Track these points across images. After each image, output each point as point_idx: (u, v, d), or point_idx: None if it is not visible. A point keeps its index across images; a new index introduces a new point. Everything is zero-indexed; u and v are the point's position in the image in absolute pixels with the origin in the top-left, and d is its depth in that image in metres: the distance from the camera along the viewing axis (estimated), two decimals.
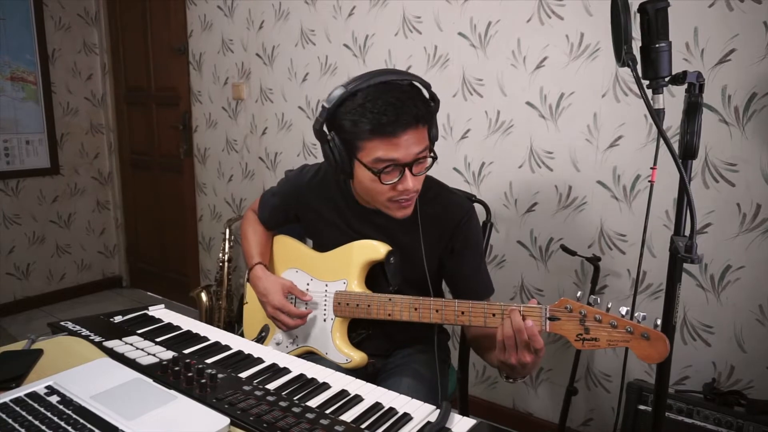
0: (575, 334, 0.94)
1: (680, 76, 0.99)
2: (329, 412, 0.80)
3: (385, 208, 1.16)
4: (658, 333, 0.89)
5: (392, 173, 1.09)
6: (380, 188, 1.11)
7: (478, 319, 1.05)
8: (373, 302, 1.17)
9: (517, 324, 0.95)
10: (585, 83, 1.79)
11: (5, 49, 3.01)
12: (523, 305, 0.98)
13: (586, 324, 0.93)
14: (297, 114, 2.58)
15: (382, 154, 1.06)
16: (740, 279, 1.61)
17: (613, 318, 0.91)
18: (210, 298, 2.76)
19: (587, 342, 0.93)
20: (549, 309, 0.96)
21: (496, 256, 2.08)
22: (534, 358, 0.96)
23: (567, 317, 0.95)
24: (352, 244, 1.24)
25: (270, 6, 2.56)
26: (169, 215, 3.39)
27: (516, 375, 1.03)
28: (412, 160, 1.08)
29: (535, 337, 0.94)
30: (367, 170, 1.09)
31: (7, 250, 3.16)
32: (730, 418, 1.47)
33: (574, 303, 0.95)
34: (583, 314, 0.93)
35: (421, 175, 1.12)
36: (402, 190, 1.10)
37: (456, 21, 2.02)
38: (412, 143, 1.06)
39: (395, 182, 1.09)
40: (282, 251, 1.41)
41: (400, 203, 1.13)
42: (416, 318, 1.12)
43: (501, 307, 1.02)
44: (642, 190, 1.74)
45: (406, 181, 1.09)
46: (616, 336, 0.91)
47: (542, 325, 0.97)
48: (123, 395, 0.80)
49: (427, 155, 1.12)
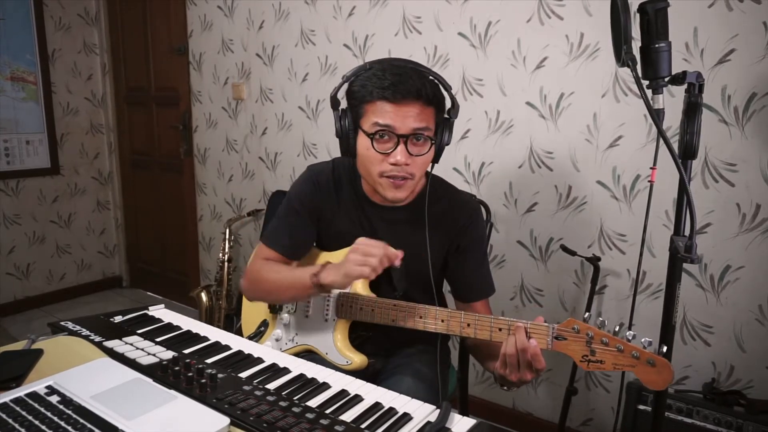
0: (581, 355, 0.93)
1: (680, 76, 1.00)
2: (329, 412, 0.80)
3: (379, 186, 1.14)
4: (663, 360, 0.88)
5: (387, 142, 1.10)
6: (373, 157, 1.11)
7: (484, 333, 1.04)
8: (377, 307, 1.15)
9: (522, 343, 0.94)
10: (585, 83, 1.79)
11: (5, 49, 3.01)
12: (530, 323, 0.97)
13: (593, 346, 0.92)
14: (297, 114, 2.58)
15: (379, 118, 1.09)
16: (740, 279, 1.61)
17: (620, 342, 0.90)
18: (210, 298, 2.76)
19: (592, 363, 0.92)
20: (556, 328, 0.95)
21: (496, 256, 2.08)
22: (534, 375, 0.96)
23: (573, 338, 0.94)
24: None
25: (270, 6, 2.56)
26: (169, 215, 3.39)
27: (512, 386, 1.03)
28: (408, 133, 1.08)
29: (537, 357, 0.93)
30: (365, 137, 1.11)
31: (7, 250, 3.16)
32: (730, 418, 1.47)
33: (581, 324, 0.93)
34: (590, 336, 0.92)
35: (417, 156, 1.11)
36: (393, 163, 1.09)
37: (456, 21, 2.02)
38: (411, 116, 1.08)
39: (388, 153, 1.09)
40: None
41: (393, 181, 1.12)
42: (421, 326, 1.10)
43: (508, 323, 1.01)
44: (642, 190, 1.74)
45: (397, 154, 1.09)
46: (622, 360, 0.90)
47: (547, 344, 0.96)
48: (123, 395, 0.81)
49: (426, 136, 1.11)
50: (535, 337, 0.95)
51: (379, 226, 1.25)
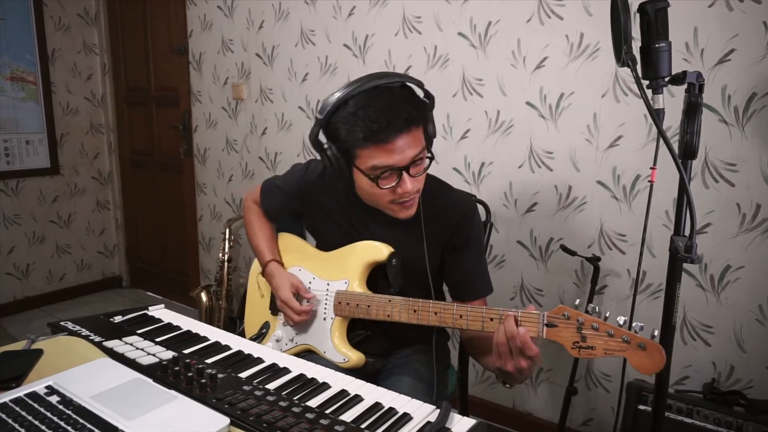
0: (572, 341, 0.94)
1: (680, 76, 0.99)
2: (329, 412, 0.80)
3: (389, 210, 1.16)
4: (654, 343, 0.88)
5: (390, 178, 1.09)
6: (380, 192, 1.11)
7: (476, 323, 1.05)
8: (373, 303, 1.17)
9: (510, 331, 0.94)
10: (585, 83, 1.79)
11: (5, 49, 3.01)
12: (521, 311, 0.98)
13: (583, 332, 0.93)
14: (297, 114, 2.58)
15: (378, 162, 1.06)
16: (740, 279, 1.61)
17: (610, 327, 0.91)
18: (210, 298, 2.76)
19: (583, 350, 0.93)
20: (546, 316, 0.96)
21: (496, 256, 2.08)
22: (529, 363, 0.96)
23: (564, 324, 0.94)
24: (356, 244, 1.24)
25: (270, 6, 2.56)
26: (169, 215, 3.39)
27: (513, 381, 1.02)
28: (409, 164, 1.08)
29: (527, 344, 0.93)
30: (365, 177, 1.09)
31: (7, 250, 3.16)
32: (730, 418, 1.47)
33: (571, 311, 0.94)
34: (581, 322, 0.93)
35: (419, 176, 1.12)
36: (402, 193, 1.10)
37: (456, 21, 2.02)
38: (407, 147, 1.07)
39: (394, 186, 1.09)
40: (286, 249, 1.40)
41: (403, 204, 1.14)
42: (414, 320, 1.12)
43: (499, 313, 1.02)
44: (642, 190, 1.74)
45: (404, 184, 1.09)
46: (613, 345, 0.91)
47: (539, 332, 0.96)
48: (123, 395, 0.81)
49: (424, 156, 1.11)
50: (527, 325, 0.96)
51: (375, 229, 1.25)
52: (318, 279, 1.29)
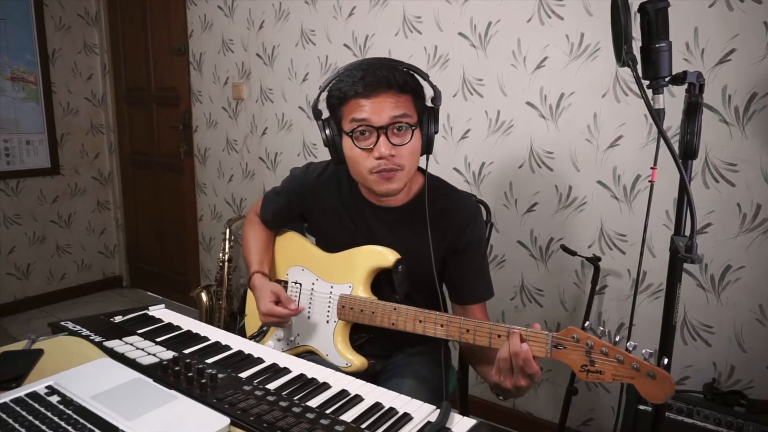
0: (580, 364, 0.92)
1: (680, 76, 0.99)
2: (329, 412, 0.80)
3: (371, 183, 1.14)
4: (664, 373, 0.86)
5: (367, 138, 1.10)
6: (358, 155, 1.11)
7: (483, 339, 1.02)
8: (378, 309, 1.15)
9: (514, 347, 0.93)
10: (585, 83, 1.79)
11: (5, 49, 3.01)
12: (529, 330, 0.96)
13: (592, 356, 0.91)
14: (297, 114, 2.58)
15: (356, 114, 1.09)
16: (740, 279, 1.61)
17: (619, 353, 0.89)
18: (210, 298, 2.76)
19: (591, 374, 0.91)
20: (554, 336, 0.94)
21: (496, 256, 2.08)
22: (528, 382, 0.95)
23: (573, 347, 0.92)
24: (361, 248, 1.22)
25: (270, 6, 2.56)
26: (169, 215, 3.39)
27: (508, 396, 1.01)
28: (387, 124, 1.08)
29: (528, 362, 0.92)
30: (348, 138, 1.11)
31: (7, 250, 3.16)
32: (730, 418, 1.46)
33: (581, 333, 0.92)
34: (590, 345, 0.91)
35: (401, 146, 1.10)
36: (378, 157, 1.09)
37: (456, 21, 2.02)
38: (387, 106, 1.08)
39: (370, 148, 1.09)
40: (289, 248, 1.40)
41: (381, 174, 1.11)
42: (420, 330, 1.09)
43: (507, 329, 0.99)
44: (642, 190, 1.74)
45: (380, 146, 1.08)
46: (622, 372, 0.89)
47: (546, 353, 0.94)
48: (123, 395, 0.81)
49: (406, 124, 1.10)
50: (534, 345, 0.94)
51: (377, 228, 1.24)
52: (321, 280, 1.28)
